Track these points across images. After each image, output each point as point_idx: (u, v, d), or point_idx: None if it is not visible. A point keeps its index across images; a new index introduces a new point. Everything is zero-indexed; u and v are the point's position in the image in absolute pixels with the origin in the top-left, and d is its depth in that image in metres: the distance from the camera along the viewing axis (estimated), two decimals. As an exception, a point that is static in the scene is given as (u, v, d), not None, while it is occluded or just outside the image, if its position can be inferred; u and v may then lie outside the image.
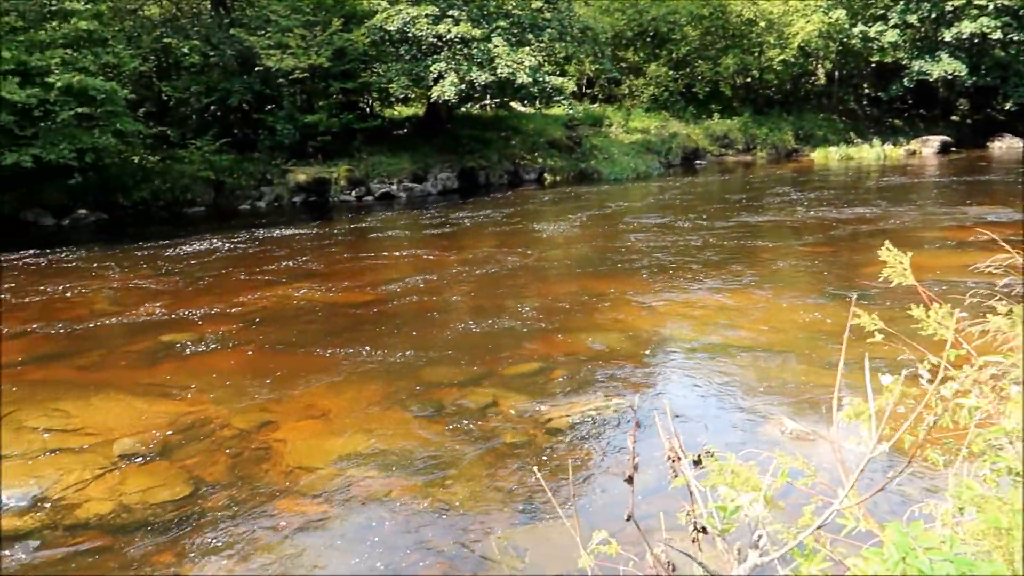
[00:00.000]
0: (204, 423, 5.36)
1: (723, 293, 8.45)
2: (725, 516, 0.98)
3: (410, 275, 10.26)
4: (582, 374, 6.03)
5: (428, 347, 6.91)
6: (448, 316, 8.28)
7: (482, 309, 8.30)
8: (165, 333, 7.69)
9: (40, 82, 15.08)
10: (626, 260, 10.60)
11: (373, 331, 7.55)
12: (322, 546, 3.80)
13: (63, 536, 3.97)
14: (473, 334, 7.31)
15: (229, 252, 12.63)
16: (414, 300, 8.91)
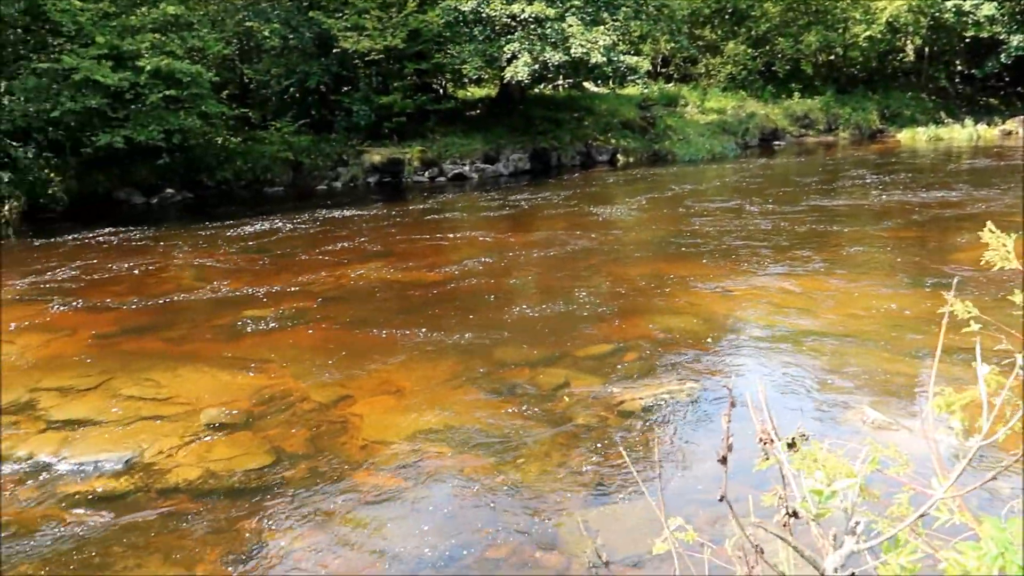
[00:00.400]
0: (284, 396, 5.54)
1: (798, 278, 8.23)
2: (821, 501, 0.96)
3: (482, 255, 10.34)
4: (654, 357, 5.98)
5: (499, 327, 6.96)
6: (519, 296, 8.32)
7: (553, 290, 8.30)
8: (247, 308, 7.97)
9: (131, 66, 15.71)
10: (699, 243, 10.42)
11: (445, 310, 7.65)
12: (397, 518, 3.89)
13: (155, 499, 4.18)
14: (544, 315, 7.33)
15: (306, 231, 12.97)
16: (485, 280, 8.98)
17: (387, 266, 9.76)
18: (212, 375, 5.99)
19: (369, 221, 13.69)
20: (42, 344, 7.01)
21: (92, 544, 3.75)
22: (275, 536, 3.79)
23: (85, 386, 5.83)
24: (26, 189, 15.39)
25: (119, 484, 4.34)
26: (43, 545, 3.75)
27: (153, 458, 4.60)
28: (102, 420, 5.19)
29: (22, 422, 5.23)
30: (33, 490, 4.32)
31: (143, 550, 3.70)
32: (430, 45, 20.76)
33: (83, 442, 4.86)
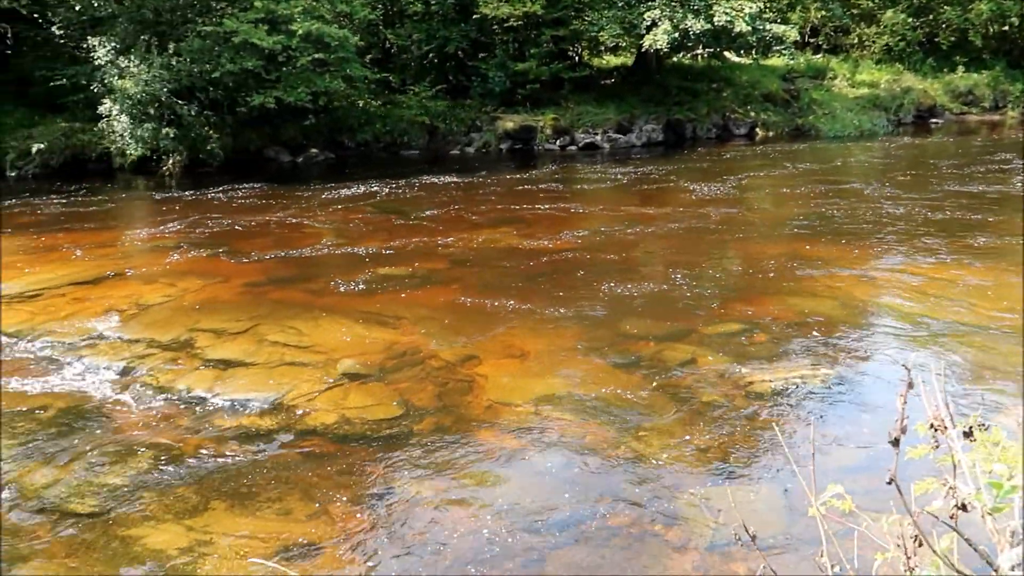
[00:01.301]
0: (414, 352, 5.76)
1: (946, 267, 7.68)
2: (999, 495, 0.92)
3: (610, 225, 10.28)
4: (786, 339, 5.78)
5: (626, 298, 6.92)
6: (647, 269, 8.23)
7: (682, 264, 8.15)
8: (382, 267, 8.30)
9: (284, 30, 16.48)
10: (841, 224, 9.90)
11: (572, 279, 7.68)
12: (518, 478, 4.00)
13: (295, 439, 4.48)
14: (673, 289, 7.22)
15: (439, 195, 13.30)
16: (613, 250, 8.93)
17: (516, 232, 9.88)
18: (348, 327, 6.30)
19: (499, 187, 13.87)
20: (199, 289, 7.59)
21: (240, 474, 4.08)
22: (401, 484, 3.99)
23: (236, 330, 6.29)
24: (188, 145, 16.57)
25: (264, 422, 4.68)
26: (199, 471, 4.11)
27: (295, 401, 4.92)
28: (250, 362, 5.59)
29: (182, 358, 5.72)
30: (190, 420, 4.74)
31: (284, 484, 3.99)
32: (569, 11, 20.58)
33: (234, 381, 5.26)
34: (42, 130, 18.15)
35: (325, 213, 11.88)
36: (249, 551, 3.41)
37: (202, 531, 3.58)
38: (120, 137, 16.42)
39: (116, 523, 3.67)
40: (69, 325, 6.57)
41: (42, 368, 5.63)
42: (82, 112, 18.01)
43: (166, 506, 3.79)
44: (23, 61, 19.48)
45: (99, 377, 5.43)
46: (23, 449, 4.40)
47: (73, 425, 4.70)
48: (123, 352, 5.89)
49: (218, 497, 3.86)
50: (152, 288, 7.66)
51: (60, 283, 7.96)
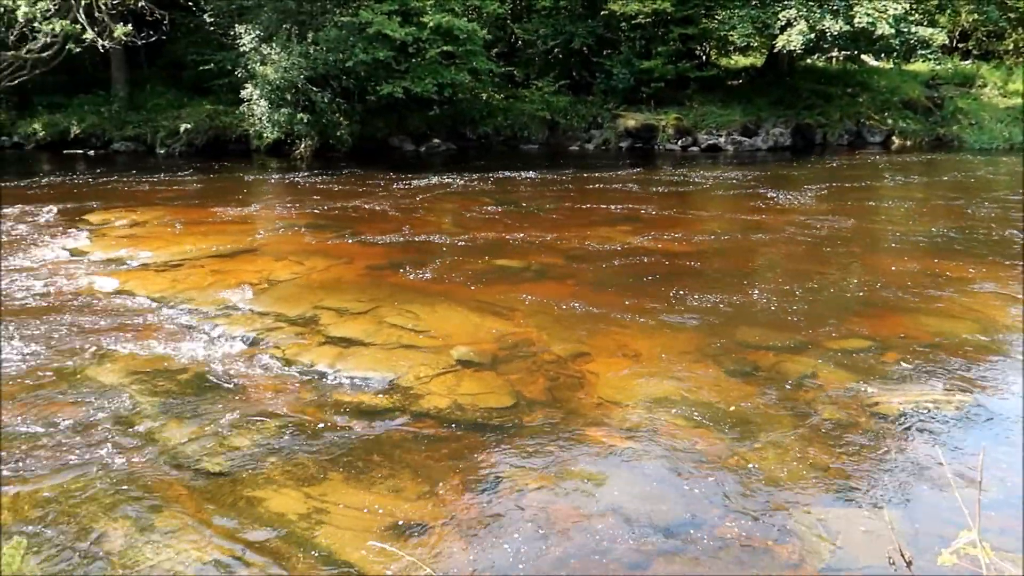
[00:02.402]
0: (527, 344, 5.81)
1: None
2: None
3: (730, 230, 10.01)
4: (918, 360, 5.45)
5: (745, 305, 6.73)
6: (768, 276, 7.96)
7: (805, 274, 7.84)
8: (498, 258, 8.41)
9: (416, 22, 16.94)
10: (983, 241, 9.25)
11: (688, 282, 7.52)
12: (626, 478, 3.96)
13: (409, 419, 4.61)
14: (794, 299, 6.96)
15: (557, 190, 13.33)
16: (732, 255, 8.70)
17: (632, 232, 9.77)
18: (464, 315, 6.42)
19: (618, 185, 13.76)
20: (324, 268, 7.93)
21: (356, 448, 4.24)
22: (509, 473, 4.03)
23: (357, 310, 6.53)
24: (319, 130, 17.30)
25: (380, 401, 4.84)
26: (319, 442, 4.30)
27: (410, 383, 5.06)
28: (370, 342, 5.79)
29: (307, 333, 5.99)
30: (312, 393, 4.96)
31: (397, 463, 4.11)
32: (699, 10, 20.13)
33: (354, 359, 5.46)
34: (189, 111, 19.41)
35: (445, 202, 12.15)
36: (362, 524, 3.54)
37: (319, 499, 3.74)
38: (258, 120, 17.33)
39: (242, 484, 3.89)
40: (206, 295, 7.01)
41: (181, 333, 6.03)
42: (226, 96, 19.15)
43: (287, 472, 3.99)
44: (177, 47, 20.87)
45: (231, 345, 5.76)
46: (162, 407, 4.73)
47: (206, 388, 5.02)
48: (253, 324, 6.23)
49: (335, 469, 4.02)
50: (281, 265, 8.06)
51: (199, 255, 8.51)
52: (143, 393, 4.92)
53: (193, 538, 3.43)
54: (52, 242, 9.21)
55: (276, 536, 3.46)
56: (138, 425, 4.50)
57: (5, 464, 4.05)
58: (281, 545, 3.39)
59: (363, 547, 3.37)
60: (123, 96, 20.59)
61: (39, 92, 20.36)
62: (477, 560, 3.32)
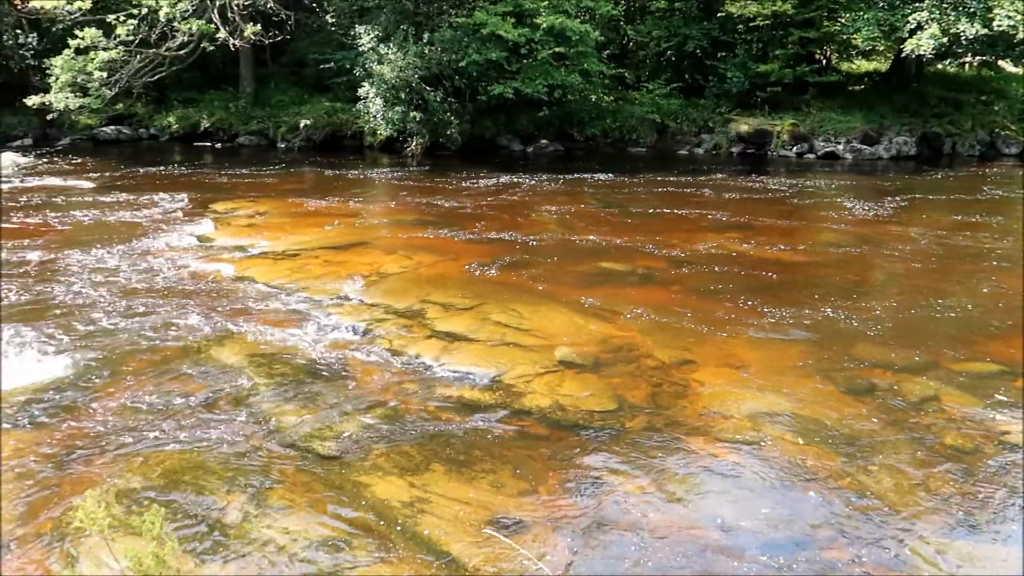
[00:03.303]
0: (630, 348, 5.75)
1: None
2: None
3: (846, 241, 9.58)
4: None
5: (861, 320, 6.43)
6: (886, 291, 7.59)
7: (927, 290, 7.41)
8: (603, 260, 8.36)
9: (529, 23, 17.06)
10: None
11: (799, 293, 7.26)
12: (729, 491, 3.86)
13: (511, 416, 4.65)
14: (915, 316, 6.60)
15: (665, 193, 13.14)
16: (848, 268, 8.34)
17: (741, 239, 9.52)
18: (567, 316, 6.42)
19: (728, 191, 13.43)
20: (432, 263, 8.10)
21: (459, 441, 4.31)
22: (609, 477, 4.00)
23: (462, 306, 6.64)
24: (431, 129, 17.69)
25: (483, 396, 4.90)
26: (423, 432, 4.40)
27: (513, 380, 5.11)
28: (474, 338, 5.87)
29: (413, 326, 6.14)
30: (417, 385, 5.08)
31: (497, 458, 4.16)
32: (822, 12, 19.38)
33: (458, 353, 5.56)
34: (309, 108, 20.24)
35: (551, 203, 12.18)
36: (463, 516, 3.60)
37: (422, 489, 3.83)
38: (373, 118, 17.88)
39: (349, 468, 4.03)
40: (320, 284, 7.29)
41: (296, 319, 6.30)
42: (343, 93, 19.86)
43: (392, 460, 4.10)
44: (299, 46, 21.80)
45: (342, 334, 5.97)
46: (278, 390, 4.96)
47: (318, 373, 5.22)
48: (363, 314, 6.44)
49: (438, 460, 4.11)
50: (391, 258, 8.29)
51: (314, 246, 8.86)
52: (260, 375, 5.17)
53: (303, 517, 3.58)
54: (182, 228, 9.81)
55: (380, 521, 3.57)
56: (255, 405, 4.73)
57: (141, 430, 4.35)
58: (385, 530, 3.49)
59: (464, 539, 3.42)
60: (249, 92, 21.68)
61: (174, 88, 21.70)
62: (575, 562, 3.31)
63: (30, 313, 6.38)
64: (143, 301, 6.72)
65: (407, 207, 11.77)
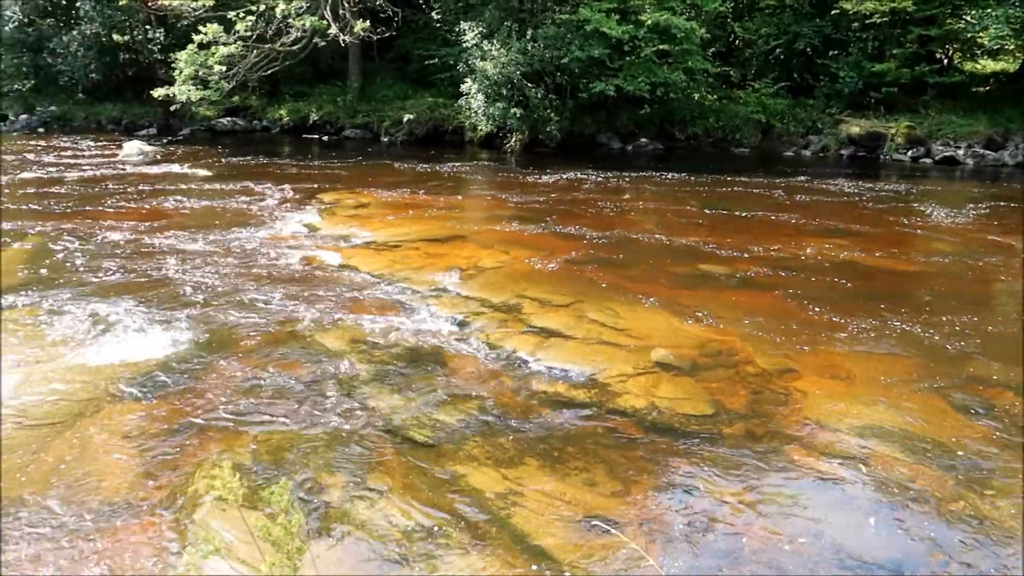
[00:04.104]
0: (729, 353, 5.62)
1: None
2: None
3: (963, 252, 9.06)
4: None
5: (978, 335, 6.07)
6: (1008, 307, 7.13)
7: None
8: (702, 262, 8.20)
9: (633, 20, 16.88)
10: None
11: (912, 303, 6.92)
12: (830, 507, 3.73)
13: (605, 415, 4.63)
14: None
15: (768, 195, 12.76)
16: (966, 279, 7.89)
17: (848, 246, 9.14)
18: (664, 318, 6.33)
19: (836, 196, 12.92)
20: (528, 259, 8.15)
21: (552, 437, 4.33)
22: (704, 483, 3.93)
23: (558, 302, 6.65)
24: (531, 125, 17.77)
25: (578, 394, 4.90)
26: (517, 426, 4.44)
27: (608, 379, 5.08)
28: (569, 335, 5.87)
29: (509, 321, 6.20)
30: (512, 379, 5.12)
31: (591, 456, 4.15)
32: (945, 8, 18.35)
33: (554, 350, 5.58)
34: (412, 103, 20.69)
35: (649, 201, 12.03)
36: (555, 511, 3.61)
37: (515, 482, 3.86)
38: (474, 113, 18.11)
39: (445, 456, 4.11)
40: (419, 275, 7.45)
41: (397, 309, 6.46)
42: (446, 89, 20.21)
43: (487, 452, 4.16)
44: (405, 42, 22.31)
45: (440, 325, 6.09)
46: (378, 376, 5.10)
47: (416, 362, 5.34)
48: (461, 307, 6.54)
49: (531, 454, 4.13)
50: (488, 252, 8.39)
51: (415, 237, 9.06)
52: (361, 361, 5.34)
53: (400, 501, 3.67)
54: (291, 216, 10.22)
55: (473, 511, 3.62)
56: (356, 390, 4.88)
57: (248, 407, 4.57)
58: (478, 520, 3.54)
59: (555, 534, 3.44)
60: (356, 87, 22.34)
61: (286, 82, 22.60)
62: (666, 567, 3.27)
63: (149, 291, 6.79)
64: (252, 284, 7.05)
65: (505, 202, 11.86)
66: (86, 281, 7.14)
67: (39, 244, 8.57)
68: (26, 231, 9.19)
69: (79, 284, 7.04)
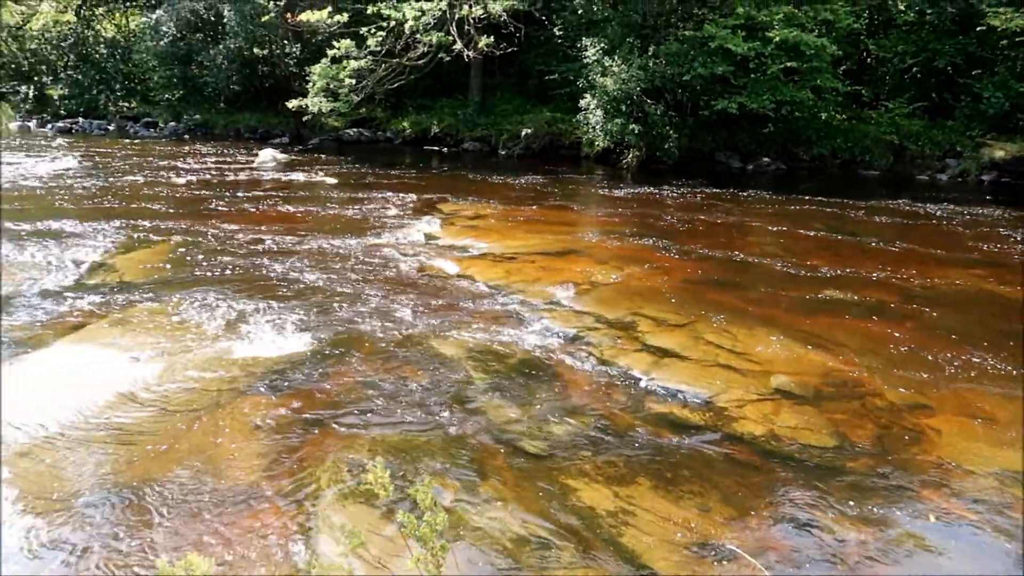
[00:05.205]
0: (855, 384, 5.37)
1: None
2: None
3: None
4: None
5: None
6: None
7: None
8: (826, 288, 7.88)
9: (760, 36, 16.46)
10: None
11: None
12: (964, 553, 3.49)
13: (721, 440, 4.51)
14: None
15: (902, 221, 12.13)
16: None
17: (990, 277, 8.55)
18: (785, 343, 6.12)
19: (976, 224, 12.12)
20: (644, 276, 8.06)
21: (666, 459, 4.26)
22: (825, 517, 3.76)
23: (674, 322, 6.54)
24: (648, 142, 17.62)
25: (693, 416, 4.80)
26: (629, 445, 4.40)
27: (725, 404, 4.95)
28: (685, 355, 5.77)
29: (623, 338, 6.15)
30: (625, 396, 5.08)
31: (705, 481, 4.05)
32: (1109, 25, 16.95)
33: (668, 369, 5.49)
34: (530, 117, 20.94)
35: (770, 223, 11.67)
36: (668, 534, 3.55)
37: (627, 500, 3.82)
38: (592, 129, 18.13)
39: (556, 470, 4.11)
40: (534, 288, 7.51)
41: (511, 320, 6.53)
42: (564, 104, 20.35)
43: (598, 467, 4.13)
44: (526, 57, 22.64)
45: (553, 339, 6.11)
46: (492, 385, 5.17)
47: (530, 374, 5.38)
48: (574, 321, 6.54)
49: (644, 474, 4.08)
50: (602, 268, 8.36)
51: (529, 250, 9.14)
52: (476, 369, 5.43)
53: (511, 511, 3.70)
54: (411, 225, 10.54)
55: (584, 527, 3.61)
56: (470, 397, 4.97)
57: (368, 408, 4.74)
58: (588, 536, 3.53)
59: (667, 557, 3.38)
60: (476, 101, 22.84)
61: (410, 95, 23.38)
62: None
63: (278, 291, 7.16)
64: (373, 289, 7.30)
65: (620, 218, 11.80)
66: (221, 279, 7.61)
67: (180, 242, 9.20)
68: (170, 229, 9.89)
69: (215, 281, 7.51)
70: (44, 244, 8.86)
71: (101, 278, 7.61)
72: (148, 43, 27.04)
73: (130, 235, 9.57)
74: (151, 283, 7.47)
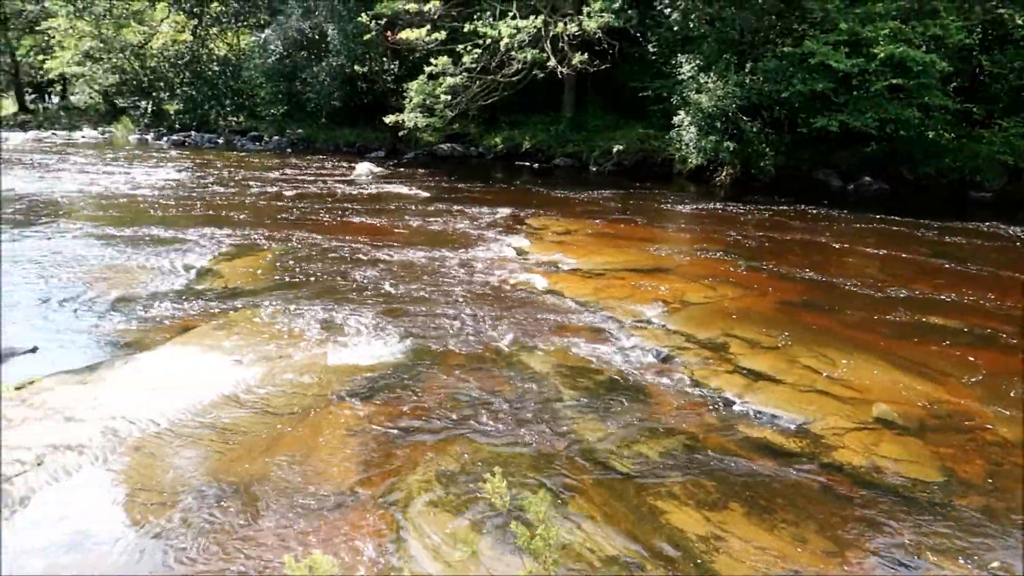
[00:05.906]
0: (963, 416, 5.11)
1: None
2: None
3: None
4: None
5: None
6: None
7: None
8: (928, 314, 7.53)
9: (864, 52, 15.91)
10: None
11: None
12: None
13: (818, 469, 4.37)
14: None
15: (1012, 247, 11.46)
16: None
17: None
18: (885, 370, 5.88)
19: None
20: (736, 297, 7.91)
21: (760, 485, 4.16)
22: (930, 555, 3.60)
23: (768, 344, 6.39)
24: (743, 159, 17.28)
25: (788, 442, 4.68)
26: (721, 468, 4.32)
27: (822, 431, 4.80)
28: (779, 379, 5.62)
29: (715, 359, 6.04)
30: (717, 419, 4.99)
31: (801, 511, 3.93)
32: None
33: (762, 393, 5.36)
34: (622, 134, 20.87)
35: (870, 245, 11.24)
36: (761, 563, 3.47)
37: (718, 526, 3.76)
38: (685, 146, 17.92)
39: (645, 490, 4.08)
40: (623, 305, 7.47)
41: (600, 337, 6.53)
42: (657, 120, 20.18)
43: (689, 491, 4.08)
44: (619, 73, 22.59)
45: (643, 357, 6.07)
46: (580, 401, 5.18)
47: (619, 392, 5.36)
48: (664, 340, 6.48)
49: (736, 500, 4.00)
50: (694, 287, 8.24)
51: (620, 267, 9.10)
52: (565, 384, 5.45)
53: (600, 529, 3.70)
54: (501, 239, 10.66)
55: (674, 550, 3.57)
56: (559, 412, 4.99)
57: (458, 419, 4.82)
58: (679, 560, 3.49)
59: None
60: (568, 117, 22.94)
61: (503, 111, 23.70)
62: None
63: (372, 300, 7.37)
64: (464, 301, 7.43)
65: (712, 236, 11.61)
66: (317, 286, 7.90)
67: (280, 251, 9.60)
68: (271, 238, 10.33)
69: (311, 289, 7.80)
70: (156, 250, 9.42)
71: (208, 283, 8.03)
72: (256, 61, 28.40)
73: (235, 242, 10.06)
74: (253, 289, 7.82)
